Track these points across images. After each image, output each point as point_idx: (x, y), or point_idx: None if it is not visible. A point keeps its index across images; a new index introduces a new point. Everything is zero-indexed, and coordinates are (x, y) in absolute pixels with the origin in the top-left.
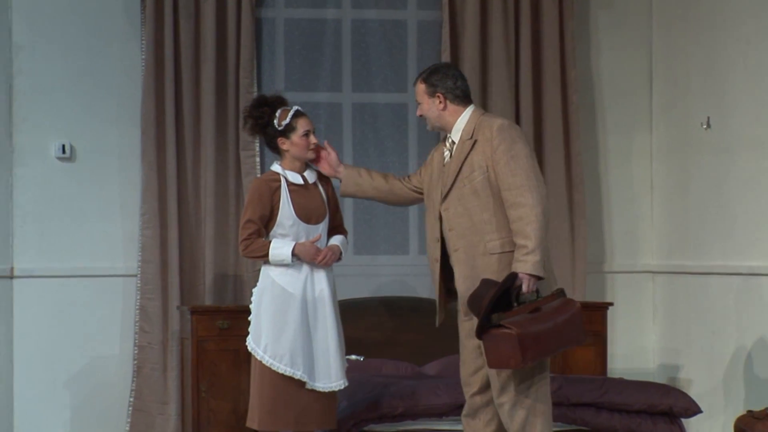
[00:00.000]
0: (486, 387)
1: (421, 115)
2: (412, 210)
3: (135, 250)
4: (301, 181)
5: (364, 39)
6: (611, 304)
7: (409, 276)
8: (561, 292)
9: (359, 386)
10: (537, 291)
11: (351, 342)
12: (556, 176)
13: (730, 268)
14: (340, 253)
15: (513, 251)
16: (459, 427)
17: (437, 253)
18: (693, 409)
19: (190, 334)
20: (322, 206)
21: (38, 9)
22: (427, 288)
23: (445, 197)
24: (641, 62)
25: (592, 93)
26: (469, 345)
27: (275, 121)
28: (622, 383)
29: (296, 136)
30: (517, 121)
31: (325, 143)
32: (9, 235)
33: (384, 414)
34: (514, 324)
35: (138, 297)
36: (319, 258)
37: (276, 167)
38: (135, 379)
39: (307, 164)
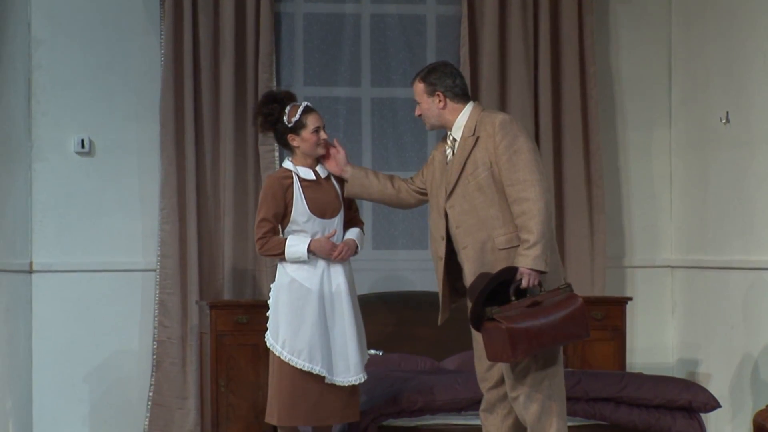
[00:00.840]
0: (502, 381)
1: (419, 115)
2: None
3: (154, 244)
4: (313, 177)
5: (383, 34)
6: (630, 298)
7: (428, 270)
8: (567, 287)
9: (378, 381)
10: (540, 285)
11: (370, 337)
12: (575, 171)
13: (750, 263)
14: (357, 248)
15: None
16: (478, 422)
17: (442, 251)
18: (712, 404)
19: (209, 329)
20: (336, 200)
21: (57, 4)
22: None
23: (449, 195)
24: (660, 57)
25: (611, 88)
26: (482, 340)
27: (285, 118)
28: (641, 378)
29: (306, 133)
30: (536, 116)
31: (335, 141)
32: (28, 229)
33: (403, 409)
34: (505, 318)
35: (157, 292)
36: (335, 254)
37: (287, 164)
38: (154, 373)
39: (318, 159)
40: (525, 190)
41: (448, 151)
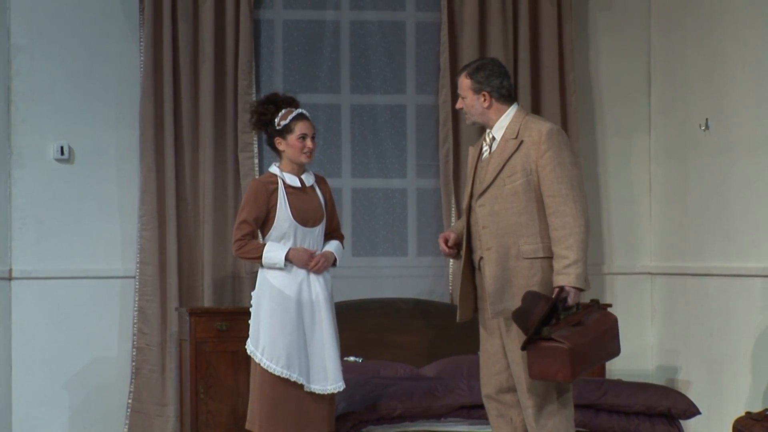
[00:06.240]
0: (512, 387)
1: (461, 109)
2: (411, 212)
3: (133, 251)
4: (299, 184)
5: (363, 40)
6: (610, 305)
7: (408, 277)
8: (596, 304)
9: (357, 387)
10: (578, 304)
11: (350, 343)
12: None
13: (729, 270)
14: (335, 260)
15: (547, 258)
16: (457, 429)
17: (464, 248)
18: (691, 411)
19: (189, 336)
20: (319, 209)
21: (37, 10)
22: (425, 290)
23: (482, 193)
24: (640, 64)
25: (590, 94)
26: (497, 344)
27: (276, 120)
28: (620, 384)
29: (292, 138)
30: None
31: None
32: (7, 236)
33: (382, 415)
34: (564, 338)
35: (136, 299)
36: (312, 264)
37: (274, 169)
38: (133, 380)
39: (305, 168)
40: (566, 203)
41: (485, 148)
